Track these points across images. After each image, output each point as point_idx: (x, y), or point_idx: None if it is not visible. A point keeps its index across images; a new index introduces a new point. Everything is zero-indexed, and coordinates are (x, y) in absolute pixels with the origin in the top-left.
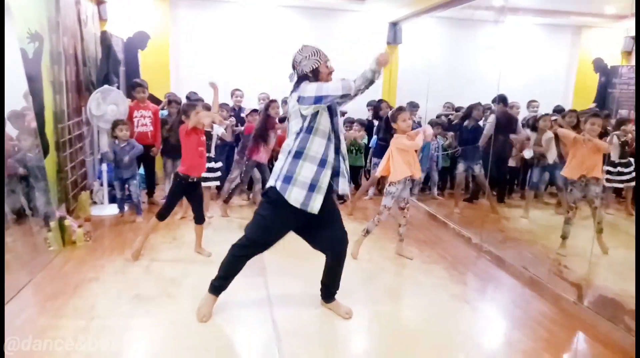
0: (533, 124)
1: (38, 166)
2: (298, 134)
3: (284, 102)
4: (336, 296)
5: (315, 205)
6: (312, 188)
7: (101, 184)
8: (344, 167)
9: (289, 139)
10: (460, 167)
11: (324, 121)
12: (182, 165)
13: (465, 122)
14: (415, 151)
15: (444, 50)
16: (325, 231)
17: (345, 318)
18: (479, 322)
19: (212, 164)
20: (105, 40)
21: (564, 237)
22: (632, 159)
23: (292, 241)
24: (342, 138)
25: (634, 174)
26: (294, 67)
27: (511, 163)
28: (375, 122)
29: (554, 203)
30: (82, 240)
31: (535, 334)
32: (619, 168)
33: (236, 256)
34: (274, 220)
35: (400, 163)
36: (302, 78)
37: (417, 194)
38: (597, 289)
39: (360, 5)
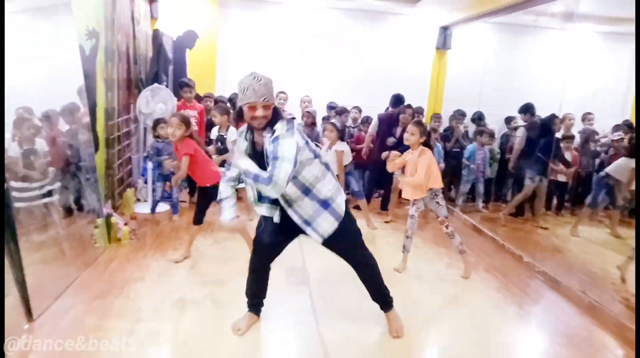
0: (631, 150)
1: (90, 162)
2: None
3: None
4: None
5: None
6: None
7: (145, 182)
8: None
9: None
10: (536, 179)
11: None
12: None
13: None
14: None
15: (496, 57)
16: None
17: (393, 337)
18: (538, 349)
19: None
20: (156, 39)
21: (632, 257)
22: None
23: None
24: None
25: None
26: None
27: (561, 178)
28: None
29: (607, 222)
30: (127, 238)
31: None
32: None
33: (256, 268)
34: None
35: (410, 171)
36: None
37: (461, 205)
38: None
39: (411, 8)
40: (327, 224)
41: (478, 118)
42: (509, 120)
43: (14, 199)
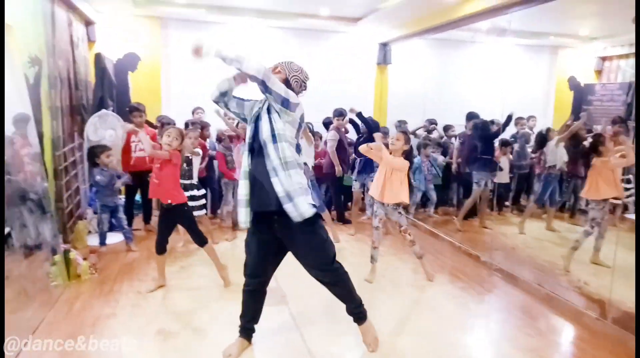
0: (541, 141)
1: (44, 195)
2: None
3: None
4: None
5: (240, 219)
6: (239, 202)
7: (95, 213)
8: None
9: None
10: (481, 183)
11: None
12: None
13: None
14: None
15: (436, 70)
16: (301, 260)
17: (369, 350)
18: (511, 342)
19: (195, 192)
20: (99, 63)
21: (575, 248)
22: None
23: None
24: (269, 150)
25: (633, 190)
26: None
27: (503, 179)
28: None
29: (544, 218)
30: (87, 273)
31: (567, 352)
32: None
33: (244, 288)
34: (249, 240)
35: (377, 179)
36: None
37: (414, 213)
38: (618, 303)
39: (352, 27)
40: (306, 207)
41: (444, 129)
42: (446, 128)
43: None
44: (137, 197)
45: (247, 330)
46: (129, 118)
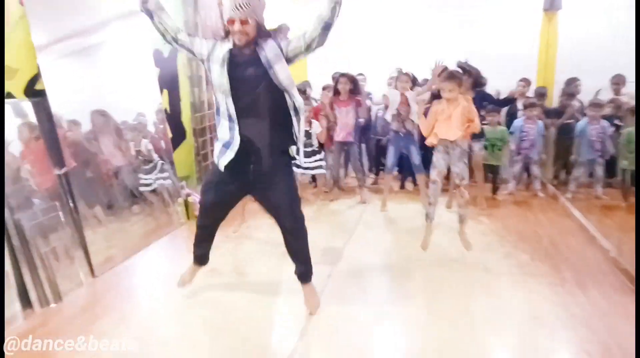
0: None
1: (170, 156)
2: None
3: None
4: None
5: (221, 161)
6: (226, 144)
7: None
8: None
9: None
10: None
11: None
12: None
13: None
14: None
15: (624, 12)
16: (270, 204)
17: (309, 313)
18: None
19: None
20: None
21: None
22: None
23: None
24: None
25: None
26: None
27: None
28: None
29: None
30: None
31: None
32: None
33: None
34: (208, 177)
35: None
36: None
37: (574, 191)
38: None
39: None
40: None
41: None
42: None
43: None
44: None
45: (196, 256)
46: None
